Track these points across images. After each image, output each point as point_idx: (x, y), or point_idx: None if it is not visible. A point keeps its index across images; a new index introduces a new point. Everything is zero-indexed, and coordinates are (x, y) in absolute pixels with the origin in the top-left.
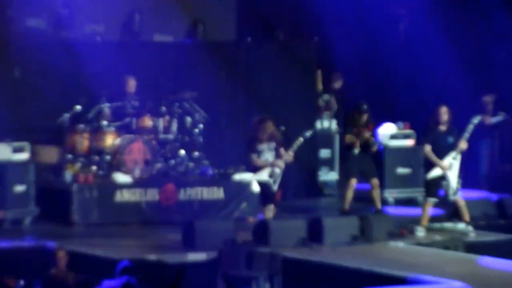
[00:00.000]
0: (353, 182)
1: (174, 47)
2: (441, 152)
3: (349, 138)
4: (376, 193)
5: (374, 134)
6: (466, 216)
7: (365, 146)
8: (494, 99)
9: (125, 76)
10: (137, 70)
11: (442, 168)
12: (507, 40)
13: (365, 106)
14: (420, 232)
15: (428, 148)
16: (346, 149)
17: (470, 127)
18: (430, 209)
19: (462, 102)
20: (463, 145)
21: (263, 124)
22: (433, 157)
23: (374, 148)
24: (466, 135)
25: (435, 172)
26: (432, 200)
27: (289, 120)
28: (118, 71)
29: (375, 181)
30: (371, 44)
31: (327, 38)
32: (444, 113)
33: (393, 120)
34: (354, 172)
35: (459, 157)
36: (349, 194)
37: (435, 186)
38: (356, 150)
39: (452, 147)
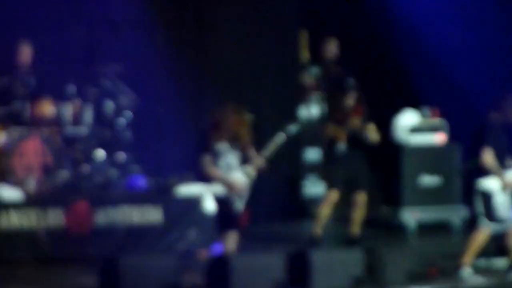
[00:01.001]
0: (334, 196)
1: None
2: (501, 160)
3: (330, 129)
4: (357, 214)
5: (368, 122)
6: None
7: (354, 139)
8: None
9: (15, 40)
10: (33, 32)
11: (505, 184)
12: None
13: (351, 81)
14: (467, 274)
15: (490, 153)
16: (327, 145)
17: None
18: (483, 239)
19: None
20: None
21: (225, 113)
22: (496, 168)
23: (370, 140)
24: None
25: (494, 184)
26: (492, 225)
27: (261, 105)
28: (4, 33)
29: (361, 196)
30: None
31: None
32: None
33: (415, 106)
34: (337, 179)
35: None
36: (324, 213)
37: (491, 203)
38: (341, 147)
39: None
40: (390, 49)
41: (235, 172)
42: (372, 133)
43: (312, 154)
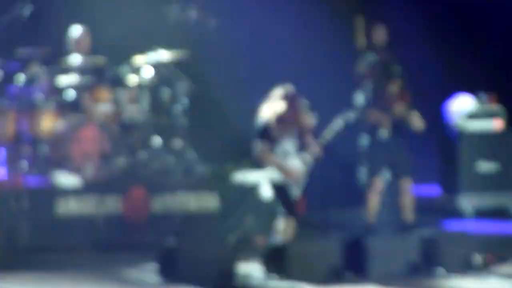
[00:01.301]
0: (378, 183)
1: None
2: None
3: (374, 115)
4: (407, 200)
5: (412, 109)
6: None
7: (398, 126)
8: None
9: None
10: (88, 14)
11: None
12: None
13: (397, 68)
14: None
15: None
16: (370, 131)
17: None
18: None
19: None
20: None
21: (285, 99)
22: None
23: (415, 127)
24: None
25: None
26: None
27: (315, 91)
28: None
29: (406, 182)
30: None
31: None
32: None
33: (471, 91)
34: (380, 166)
35: None
36: (373, 201)
37: None
38: (384, 133)
39: None
40: (447, 33)
41: (292, 159)
42: (416, 121)
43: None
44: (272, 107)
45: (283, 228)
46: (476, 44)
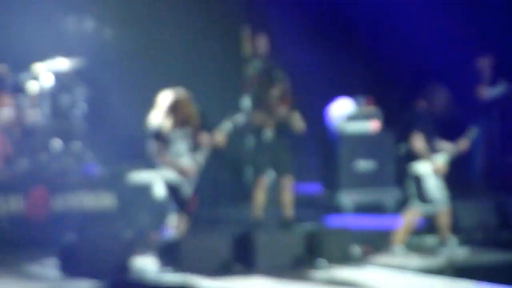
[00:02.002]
0: (263, 181)
1: None
2: (431, 145)
3: (258, 117)
4: (288, 197)
5: (294, 111)
6: (449, 229)
7: (281, 127)
8: (493, 63)
9: None
10: None
11: (436, 168)
12: None
13: (278, 73)
14: (400, 251)
15: (419, 138)
16: (255, 132)
17: (472, 134)
18: (414, 219)
19: (448, 69)
20: (462, 146)
21: (176, 101)
22: (426, 152)
23: (297, 128)
24: (467, 138)
25: (424, 168)
26: (423, 207)
27: (206, 94)
28: None
29: (287, 179)
30: None
31: None
32: (445, 99)
33: (350, 95)
34: (264, 165)
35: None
36: (259, 198)
37: (423, 186)
38: (268, 134)
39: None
40: (326, 40)
41: (185, 158)
42: (297, 122)
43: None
44: (164, 110)
45: (176, 224)
46: (354, 51)
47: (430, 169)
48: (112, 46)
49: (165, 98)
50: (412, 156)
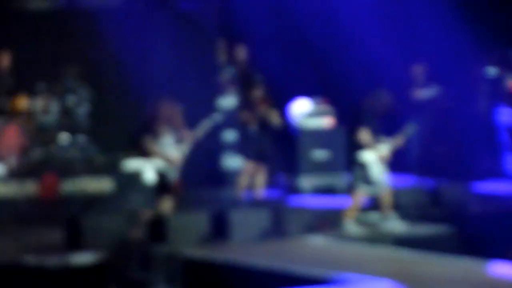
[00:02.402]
0: (249, 167)
1: (51, 15)
2: (375, 137)
3: (244, 115)
4: (261, 181)
5: (272, 109)
6: (391, 207)
7: (262, 123)
8: (425, 69)
9: None
10: (9, 42)
11: (380, 156)
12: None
13: (258, 78)
14: (351, 226)
15: (365, 132)
16: (242, 128)
17: (410, 129)
18: (362, 199)
19: (389, 74)
20: (399, 140)
21: (164, 105)
22: (371, 143)
23: (276, 123)
24: (405, 133)
25: (369, 156)
26: (367, 189)
27: (188, 97)
28: None
29: (265, 167)
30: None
31: (231, 2)
32: (388, 101)
33: (309, 95)
34: (250, 154)
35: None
36: (243, 181)
37: (368, 171)
38: (252, 129)
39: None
40: (289, 49)
41: (171, 149)
42: (275, 118)
43: (229, 135)
44: (154, 108)
45: (164, 204)
46: (312, 58)
47: (374, 157)
48: (113, 55)
49: (156, 102)
50: (359, 146)
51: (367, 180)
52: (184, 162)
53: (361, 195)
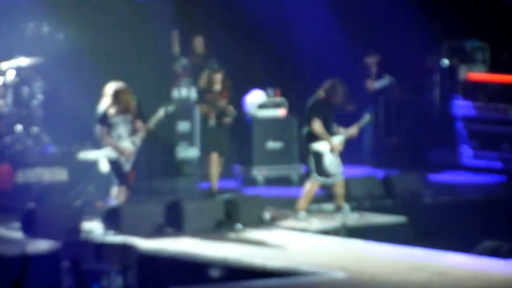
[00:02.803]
0: (215, 157)
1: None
2: (328, 129)
3: (203, 108)
4: (217, 172)
5: (230, 102)
6: (343, 197)
7: (220, 116)
8: (378, 60)
9: None
10: None
11: (333, 148)
12: None
13: (216, 70)
14: (302, 217)
15: (318, 123)
16: (202, 120)
17: (365, 119)
18: (314, 189)
19: (342, 65)
20: (353, 131)
21: (118, 92)
22: (324, 134)
23: (228, 120)
24: (358, 125)
25: (323, 147)
26: (321, 179)
27: (142, 87)
28: None
29: (222, 159)
30: (236, 2)
31: None
32: (341, 92)
33: (262, 87)
34: (213, 146)
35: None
36: (214, 171)
37: (321, 162)
38: (212, 122)
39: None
40: (244, 42)
41: (125, 141)
42: (231, 111)
43: (183, 125)
44: (108, 100)
45: (117, 194)
46: (265, 52)
47: (327, 148)
48: (64, 47)
49: (109, 90)
50: (313, 137)
51: (320, 171)
52: (137, 153)
53: (314, 185)
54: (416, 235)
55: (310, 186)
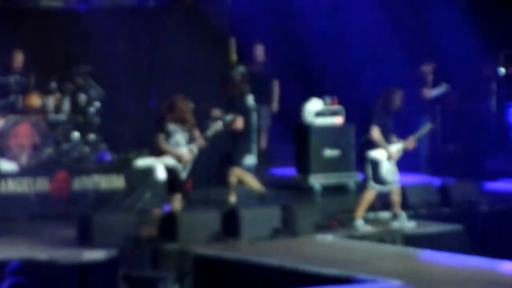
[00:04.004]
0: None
1: (64, 14)
2: (386, 137)
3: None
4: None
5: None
6: (400, 205)
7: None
8: (434, 68)
9: (10, 49)
10: (22, 42)
11: (390, 156)
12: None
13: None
14: (360, 224)
15: (377, 130)
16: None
17: (424, 130)
18: (371, 197)
19: (398, 73)
20: (412, 142)
21: (177, 102)
22: (382, 142)
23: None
24: (417, 135)
25: (380, 154)
26: (378, 187)
27: (199, 95)
28: (1, 43)
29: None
30: (294, 11)
31: (243, 1)
32: (399, 98)
33: (320, 95)
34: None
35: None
36: (251, 181)
37: (378, 169)
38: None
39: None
40: (302, 51)
41: (182, 148)
42: (239, 123)
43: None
44: (167, 109)
45: (174, 202)
46: (325, 62)
47: (384, 155)
48: (121, 57)
49: (168, 100)
50: (370, 145)
51: (377, 179)
52: (194, 161)
53: (371, 193)
54: (472, 244)
55: (367, 194)
